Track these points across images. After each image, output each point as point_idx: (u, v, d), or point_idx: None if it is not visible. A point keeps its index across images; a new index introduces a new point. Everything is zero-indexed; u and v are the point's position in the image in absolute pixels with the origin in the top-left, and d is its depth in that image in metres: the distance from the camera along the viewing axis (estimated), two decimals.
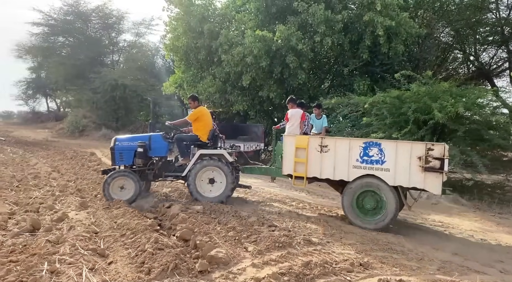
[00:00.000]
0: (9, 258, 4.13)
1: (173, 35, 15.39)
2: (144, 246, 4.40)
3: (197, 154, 7.17)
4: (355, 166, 6.23)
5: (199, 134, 7.44)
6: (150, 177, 7.43)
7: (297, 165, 6.64)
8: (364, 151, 6.19)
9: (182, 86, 16.60)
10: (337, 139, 6.60)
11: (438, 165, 5.75)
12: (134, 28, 31.23)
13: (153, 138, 7.38)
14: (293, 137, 6.82)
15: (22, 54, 36.17)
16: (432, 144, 5.95)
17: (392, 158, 6.01)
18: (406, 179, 5.94)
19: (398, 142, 6.43)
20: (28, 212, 6.09)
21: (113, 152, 7.29)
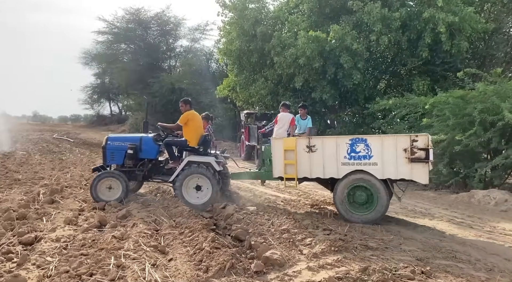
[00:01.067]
0: (80, 251, 4.45)
1: (226, 39, 15.75)
2: (202, 245, 4.53)
3: (185, 160, 7.14)
4: (344, 163, 6.35)
5: (189, 139, 7.34)
6: (140, 178, 7.47)
7: (287, 166, 6.72)
8: (351, 147, 6.32)
9: (235, 89, 16.92)
10: (324, 138, 6.73)
11: (423, 155, 5.90)
12: (190, 34, 32.32)
13: (144, 140, 7.42)
14: (281, 140, 6.90)
15: (88, 61, 38.93)
16: (416, 135, 6.05)
17: (378, 152, 6.15)
18: (394, 171, 6.09)
19: (383, 136, 6.66)
20: (95, 209, 6.53)
21: (104, 151, 7.40)
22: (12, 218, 5.56)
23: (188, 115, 7.39)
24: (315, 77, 13.39)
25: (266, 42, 14.15)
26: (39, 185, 8.52)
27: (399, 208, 7.65)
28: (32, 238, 4.79)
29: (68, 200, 7.43)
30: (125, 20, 31.32)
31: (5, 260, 4.16)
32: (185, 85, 27.49)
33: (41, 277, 3.76)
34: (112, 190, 7.06)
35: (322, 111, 15.56)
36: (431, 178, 9.94)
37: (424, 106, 9.74)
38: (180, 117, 7.45)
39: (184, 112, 7.46)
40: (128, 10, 30.89)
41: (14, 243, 4.67)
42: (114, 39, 32.62)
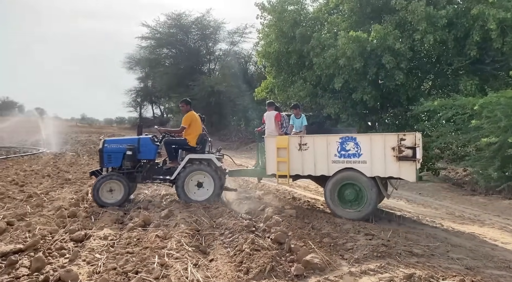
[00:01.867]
0: (126, 249, 4.62)
1: (265, 41, 15.80)
2: (242, 246, 4.56)
3: (186, 158, 7.19)
4: (334, 161, 6.52)
5: (189, 139, 7.42)
6: (139, 179, 7.46)
7: (280, 164, 6.88)
8: (341, 145, 6.49)
9: (273, 91, 16.92)
10: (315, 137, 6.80)
11: (410, 153, 6.04)
12: (229, 37, 32.82)
13: (142, 141, 7.43)
14: (274, 138, 7.04)
15: (132, 65, 40.48)
16: (404, 134, 6.18)
17: (367, 150, 6.32)
18: (382, 169, 6.23)
19: (372, 134, 6.76)
20: (140, 208, 6.76)
21: (101, 154, 7.33)
22: (64, 216, 5.89)
23: (190, 116, 7.51)
24: (356, 78, 13.11)
25: (305, 44, 14.06)
26: (88, 184, 8.96)
27: (445, 214, 7.34)
28: (82, 236, 5.05)
29: None
30: (167, 25, 32.32)
31: (59, 256, 4.41)
32: (223, 88, 27.92)
33: (90, 273, 3.94)
34: (114, 192, 7.05)
35: (363, 112, 15.20)
36: (479, 182, 9.50)
37: (472, 107, 9.27)
38: (182, 119, 7.56)
39: (186, 113, 7.57)
40: (170, 16, 31.89)
41: (66, 239, 4.94)
42: (156, 44, 33.73)
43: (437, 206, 8.22)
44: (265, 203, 7.40)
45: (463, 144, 11.31)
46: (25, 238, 4.88)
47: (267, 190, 9.17)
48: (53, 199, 7.54)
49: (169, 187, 8.09)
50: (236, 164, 8.77)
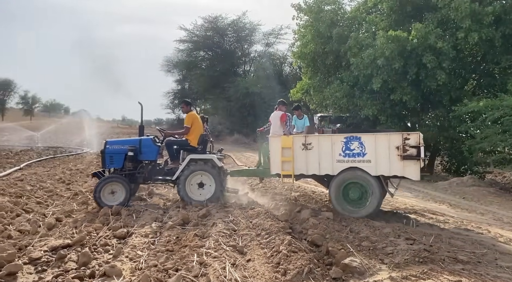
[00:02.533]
0: (166, 247, 4.75)
1: (301, 42, 15.75)
2: (279, 247, 4.55)
3: (187, 158, 7.17)
4: (339, 160, 6.56)
5: (190, 139, 7.43)
6: (140, 180, 7.44)
7: (284, 163, 6.89)
8: (345, 145, 6.52)
9: (309, 92, 16.82)
10: (320, 137, 6.97)
11: (415, 152, 6.13)
12: (264, 39, 32.98)
13: (144, 142, 7.41)
14: (279, 138, 7.06)
15: (170, 68, 41.54)
16: (408, 133, 6.25)
17: (372, 149, 6.38)
18: (387, 168, 6.32)
19: (377, 134, 6.68)
20: (178, 207, 6.92)
21: (103, 155, 7.30)
22: (108, 213, 6.13)
23: (192, 116, 7.54)
24: (395, 78, 12.78)
25: (342, 44, 13.87)
26: None
27: (492, 219, 6.99)
28: (125, 233, 5.23)
29: (154, 198, 7.98)
30: (204, 28, 32.94)
31: (103, 252, 4.59)
32: (258, 89, 28.05)
33: (133, 269, 4.08)
34: (115, 194, 6.99)
35: (402, 114, 14.78)
36: None
37: None
38: (184, 119, 7.60)
39: (187, 114, 7.60)
40: (206, 19, 32.48)
41: (110, 236, 5.14)
42: (193, 47, 34.45)
43: (483, 211, 7.84)
44: (301, 205, 7.36)
45: (511, 146, 10.72)
46: (72, 234, 5.12)
47: (303, 191, 9.11)
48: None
49: None
50: (238, 164, 8.74)
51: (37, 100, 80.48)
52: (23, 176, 10.20)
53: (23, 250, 4.58)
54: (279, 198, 8.01)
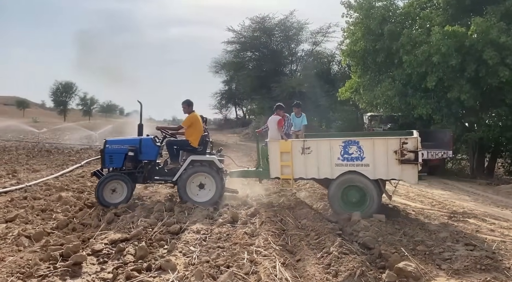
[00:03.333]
0: (217, 244, 4.86)
1: (351, 40, 15.42)
2: (329, 249, 4.50)
3: (188, 159, 7.09)
4: (337, 164, 6.62)
5: (191, 140, 7.34)
6: (140, 180, 7.36)
7: (283, 168, 6.95)
8: (344, 149, 6.58)
9: (358, 91, 16.40)
10: (318, 141, 6.90)
11: (413, 157, 6.20)
12: (312, 38, 32.63)
13: (144, 142, 7.34)
14: (277, 143, 7.09)
15: (218, 69, 42.35)
16: (406, 138, 6.32)
17: (370, 153, 6.45)
18: (385, 172, 6.39)
19: (375, 138, 6.68)
20: (227, 205, 7.05)
21: (103, 155, 7.26)
22: (162, 210, 6.38)
23: (192, 118, 7.43)
24: (452, 75, 12.12)
25: (394, 41, 13.39)
26: None
27: None
28: (178, 229, 5.42)
29: None
30: (252, 29, 33.16)
31: (158, 246, 4.79)
32: (305, 88, 27.80)
33: (186, 264, 4.22)
34: (116, 193, 6.98)
35: (459, 113, 13.99)
36: None
37: None
38: (185, 119, 7.49)
39: (189, 115, 7.51)
40: (254, 19, 32.67)
41: (164, 231, 5.34)
42: (241, 48, 34.83)
43: None
44: None
45: None
46: (130, 228, 5.39)
47: None
48: (152, 193, 8.21)
49: None
50: (237, 165, 8.68)
51: (95, 101, 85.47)
52: (84, 173, 10.88)
53: (86, 242, 4.91)
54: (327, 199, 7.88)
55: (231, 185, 8.03)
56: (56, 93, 76.35)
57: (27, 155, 16.12)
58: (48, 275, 3.85)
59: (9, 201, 7.09)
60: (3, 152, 16.96)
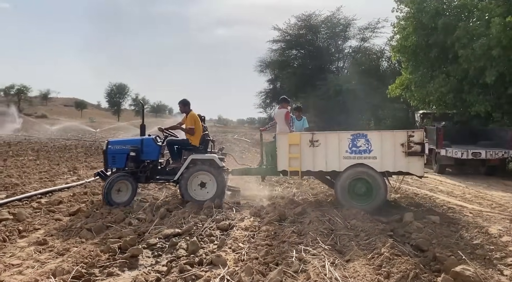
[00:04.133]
0: (265, 241, 4.90)
1: (401, 35, 14.89)
2: (380, 250, 4.40)
3: (189, 158, 7.11)
4: (345, 157, 6.79)
5: (192, 139, 7.41)
6: (143, 180, 7.38)
7: (291, 160, 7.04)
8: (352, 142, 6.74)
9: (410, 88, 15.80)
10: (327, 134, 7.11)
11: (419, 149, 6.47)
12: (360, 34, 31.85)
13: (145, 142, 7.34)
14: (286, 135, 7.21)
15: (263, 68, 42.47)
16: (413, 131, 6.58)
17: (378, 146, 6.65)
18: (392, 164, 6.61)
19: (382, 131, 7.00)
20: (274, 204, 7.10)
21: (105, 155, 7.25)
22: (211, 206, 6.55)
23: (194, 117, 7.48)
24: None
25: (448, 35, 12.74)
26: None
27: None
28: (227, 225, 5.54)
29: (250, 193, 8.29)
30: (297, 27, 32.97)
31: (209, 242, 4.93)
32: (352, 85, 27.21)
33: (236, 260, 4.31)
34: (121, 192, 6.99)
35: None
36: None
37: None
38: (187, 120, 7.49)
39: (189, 114, 7.52)
40: (300, 17, 32.44)
41: (214, 227, 5.49)
42: (286, 46, 34.76)
43: None
44: (402, 208, 7.00)
45: None
46: (181, 224, 5.59)
47: (404, 193, 8.61)
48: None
49: None
50: (238, 163, 8.57)
51: (146, 102, 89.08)
52: None
53: (141, 236, 5.15)
54: None
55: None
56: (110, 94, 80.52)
57: (85, 153, 17.20)
58: (108, 266, 4.10)
59: (72, 196, 7.62)
60: (64, 150, 18.21)
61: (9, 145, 19.55)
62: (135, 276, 3.81)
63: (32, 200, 7.30)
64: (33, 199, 7.37)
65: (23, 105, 77.21)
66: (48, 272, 3.82)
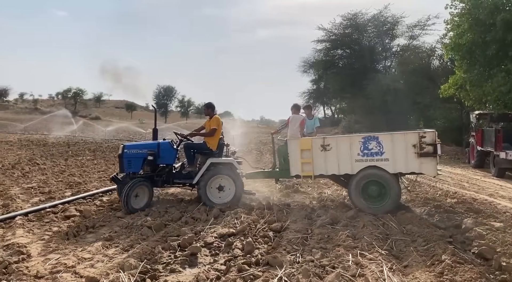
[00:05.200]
0: (319, 244, 4.92)
1: (455, 32, 14.22)
2: (441, 257, 4.29)
3: (208, 162, 7.17)
4: (357, 160, 6.82)
5: (211, 142, 7.43)
6: (159, 184, 7.31)
7: (304, 165, 7.10)
8: (364, 145, 6.79)
9: (464, 87, 15.06)
10: (338, 138, 7.31)
11: (432, 150, 6.51)
12: (408, 32, 30.69)
13: (162, 146, 7.29)
14: (297, 140, 7.27)
15: (306, 69, 42.19)
16: (424, 132, 6.63)
17: (389, 148, 6.69)
18: (404, 166, 6.66)
19: (394, 133, 6.99)
20: (325, 207, 7.07)
21: (121, 160, 7.13)
22: (262, 208, 6.65)
23: (219, 120, 7.50)
24: None
25: (509, 31, 12.01)
26: None
27: None
28: (279, 227, 5.61)
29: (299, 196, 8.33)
30: (343, 26, 32.38)
31: (263, 243, 5.03)
32: (401, 85, 26.31)
33: (291, 262, 4.35)
34: (138, 197, 6.87)
35: None
36: None
37: None
38: (211, 122, 7.51)
39: (214, 117, 7.56)
40: (345, 16, 31.83)
41: (266, 229, 5.58)
42: (331, 46, 34.23)
43: None
44: (460, 213, 6.72)
45: None
46: (235, 224, 5.73)
47: (461, 198, 8.25)
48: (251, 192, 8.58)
49: None
50: (252, 166, 8.50)
51: (192, 103, 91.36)
52: None
53: (197, 234, 5.34)
54: (432, 204, 7.43)
55: None
56: (158, 97, 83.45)
57: None
58: (170, 263, 4.30)
59: None
60: (117, 150, 19.14)
61: (68, 145, 20.86)
62: (197, 274, 3.97)
63: (95, 198, 7.79)
64: (95, 197, 7.86)
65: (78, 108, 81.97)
66: (116, 266, 4.08)
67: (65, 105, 68.72)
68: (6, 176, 10.13)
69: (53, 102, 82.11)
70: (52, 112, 52.32)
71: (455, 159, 18.65)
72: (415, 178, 9.61)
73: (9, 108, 60.74)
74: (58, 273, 4.01)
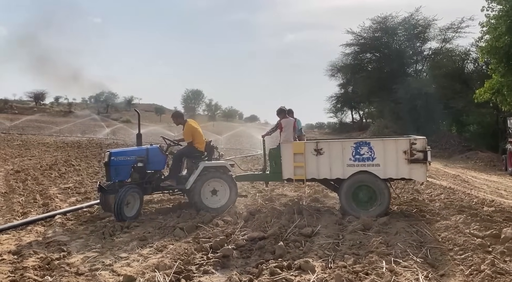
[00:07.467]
0: (351, 250, 4.86)
1: (492, 35, 13.77)
2: (479, 266, 4.16)
3: (201, 166, 7.01)
4: (349, 165, 6.91)
5: (197, 145, 7.29)
6: (149, 191, 7.05)
7: (296, 168, 7.14)
8: (355, 150, 6.88)
9: (501, 91, 14.54)
10: (330, 142, 7.26)
11: (422, 156, 6.63)
12: (441, 35, 29.93)
13: (151, 151, 7.04)
14: (290, 144, 7.32)
15: (334, 73, 41.87)
16: (415, 138, 6.76)
17: (381, 154, 6.80)
18: (395, 171, 6.79)
19: (385, 139, 7.22)
20: None
21: (107, 167, 6.70)
22: (291, 212, 6.64)
23: (190, 128, 7.27)
24: None
25: None
26: None
27: None
28: (310, 232, 5.58)
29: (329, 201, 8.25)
30: (372, 29, 31.96)
31: (294, 247, 5.01)
32: (433, 89, 25.65)
33: (324, 267, 4.32)
34: (129, 205, 6.54)
35: None
36: None
37: None
38: (184, 132, 7.31)
39: (185, 126, 7.31)
40: (375, 20, 31.41)
41: (297, 233, 5.56)
42: (360, 50, 33.85)
43: None
44: (498, 222, 6.46)
45: None
46: (265, 228, 5.75)
47: (499, 206, 7.90)
48: (278, 195, 8.61)
49: None
50: (241, 169, 8.46)
51: (219, 107, 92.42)
52: None
53: (228, 237, 5.39)
54: (468, 212, 7.18)
55: None
56: (186, 100, 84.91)
57: None
58: (203, 264, 4.37)
59: (162, 196, 8.21)
60: None
61: (100, 147, 21.53)
62: (230, 276, 4.01)
63: None
64: None
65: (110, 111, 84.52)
66: (151, 266, 4.19)
67: (97, 108, 70.98)
68: (44, 176, 10.58)
69: (86, 106, 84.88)
70: (85, 116, 54.18)
71: (490, 165, 17.95)
72: (448, 186, 9.33)
73: (46, 111, 63.36)
74: (96, 271, 4.16)
